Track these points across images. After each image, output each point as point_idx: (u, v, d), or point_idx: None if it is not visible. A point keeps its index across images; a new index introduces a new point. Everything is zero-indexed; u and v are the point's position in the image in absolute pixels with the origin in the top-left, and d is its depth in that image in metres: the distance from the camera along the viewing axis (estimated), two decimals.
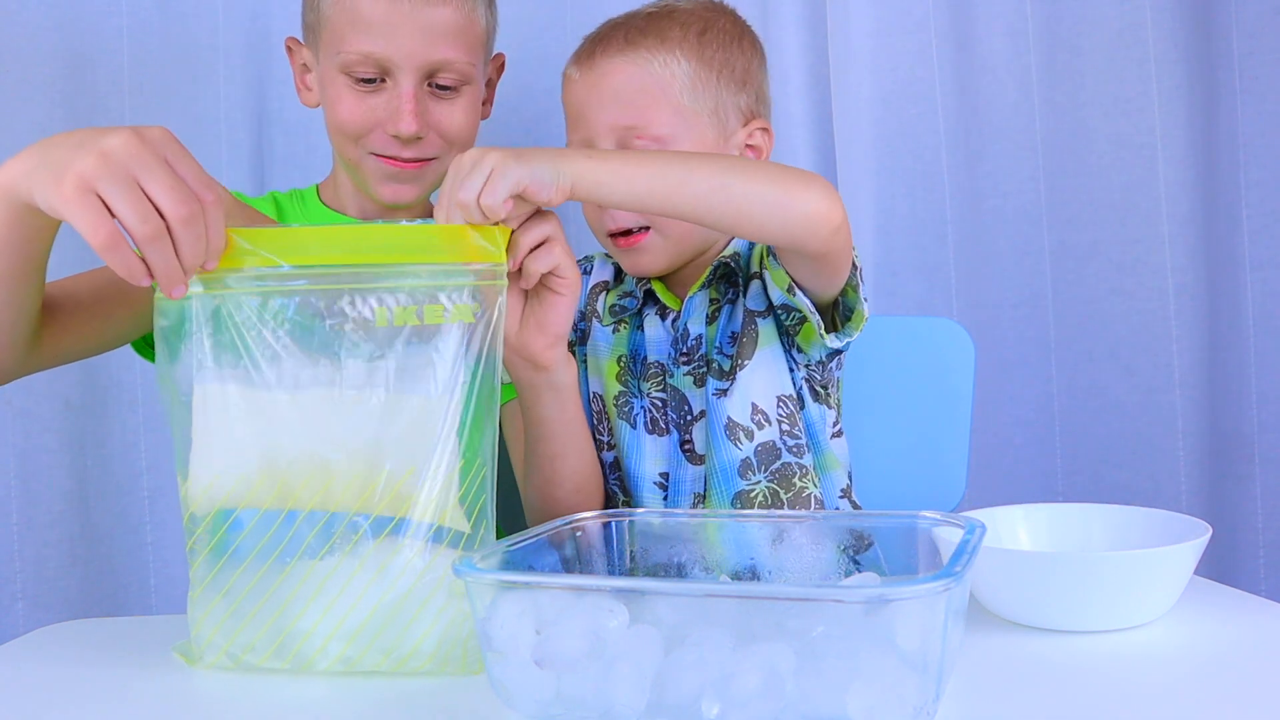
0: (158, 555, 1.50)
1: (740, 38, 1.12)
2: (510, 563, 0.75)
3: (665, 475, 1.11)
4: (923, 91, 1.59)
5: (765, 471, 1.07)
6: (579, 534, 0.83)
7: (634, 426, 1.11)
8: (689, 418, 1.09)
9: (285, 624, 0.76)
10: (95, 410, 1.48)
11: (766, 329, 1.07)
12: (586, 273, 1.17)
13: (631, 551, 0.85)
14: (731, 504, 1.07)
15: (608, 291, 1.17)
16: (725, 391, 1.07)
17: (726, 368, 1.08)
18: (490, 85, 1.21)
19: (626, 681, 0.63)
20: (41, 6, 1.46)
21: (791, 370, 1.09)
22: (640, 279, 1.14)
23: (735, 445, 1.06)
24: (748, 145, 1.10)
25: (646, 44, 1.06)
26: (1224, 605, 0.86)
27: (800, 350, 1.09)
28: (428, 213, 1.24)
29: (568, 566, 0.82)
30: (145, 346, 1.09)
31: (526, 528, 0.88)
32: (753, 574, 0.83)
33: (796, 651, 0.61)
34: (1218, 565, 1.57)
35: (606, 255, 1.18)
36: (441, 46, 1.08)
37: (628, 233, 1.08)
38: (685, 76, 1.05)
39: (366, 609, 0.76)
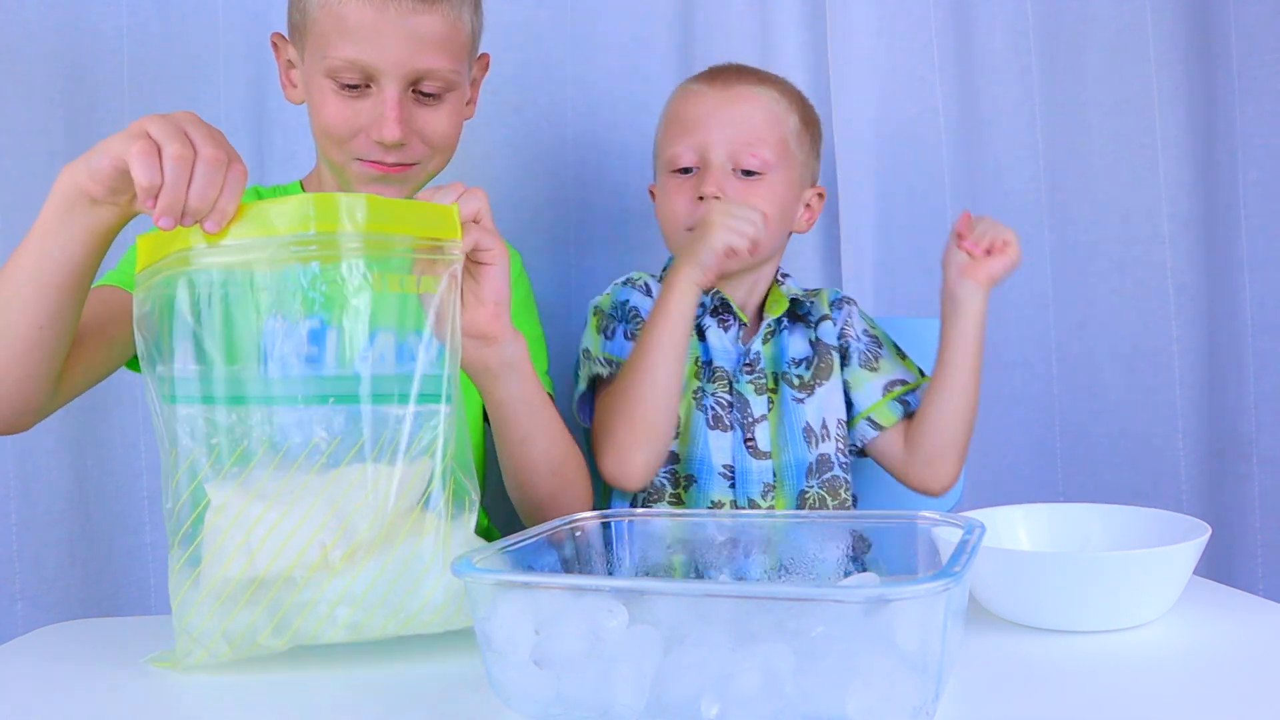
0: (157, 555, 1.50)
1: (819, 121, 1.29)
2: (510, 563, 0.75)
3: (729, 467, 1.21)
4: (923, 91, 1.59)
5: (818, 478, 1.22)
6: (578, 534, 0.83)
7: (707, 418, 1.21)
8: (750, 419, 1.22)
9: (285, 598, 0.76)
10: (95, 411, 1.47)
11: (835, 362, 1.26)
12: (644, 291, 1.25)
13: (631, 551, 0.85)
14: (795, 500, 1.21)
15: None
16: (802, 400, 1.23)
17: (798, 382, 1.24)
18: (475, 84, 1.21)
19: (626, 682, 0.63)
20: (41, 6, 1.46)
21: (858, 394, 1.26)
22: (711, 292, 1.24)
23: (808, 447, 1.22)
24: (807, 205, 1.26)
25: (777, 88, 1.23)
26: (1223, 605, 0.86)
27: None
28: None
29: (567, 566, 0.82)
30: (136, 363, 1.09)
31: (524, 527, 0.89)
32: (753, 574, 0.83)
33: (796, 651, 0.61)
34: (1217, 565, 1.57)
35: (655, 277, 1.27)
36: (426, 55, 1.08)
37: None
38: (795, 126, 1.23)
39: (372, 571, 0.77)
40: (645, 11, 1.56)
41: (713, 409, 1.21)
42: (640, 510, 0.94)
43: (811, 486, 1.22)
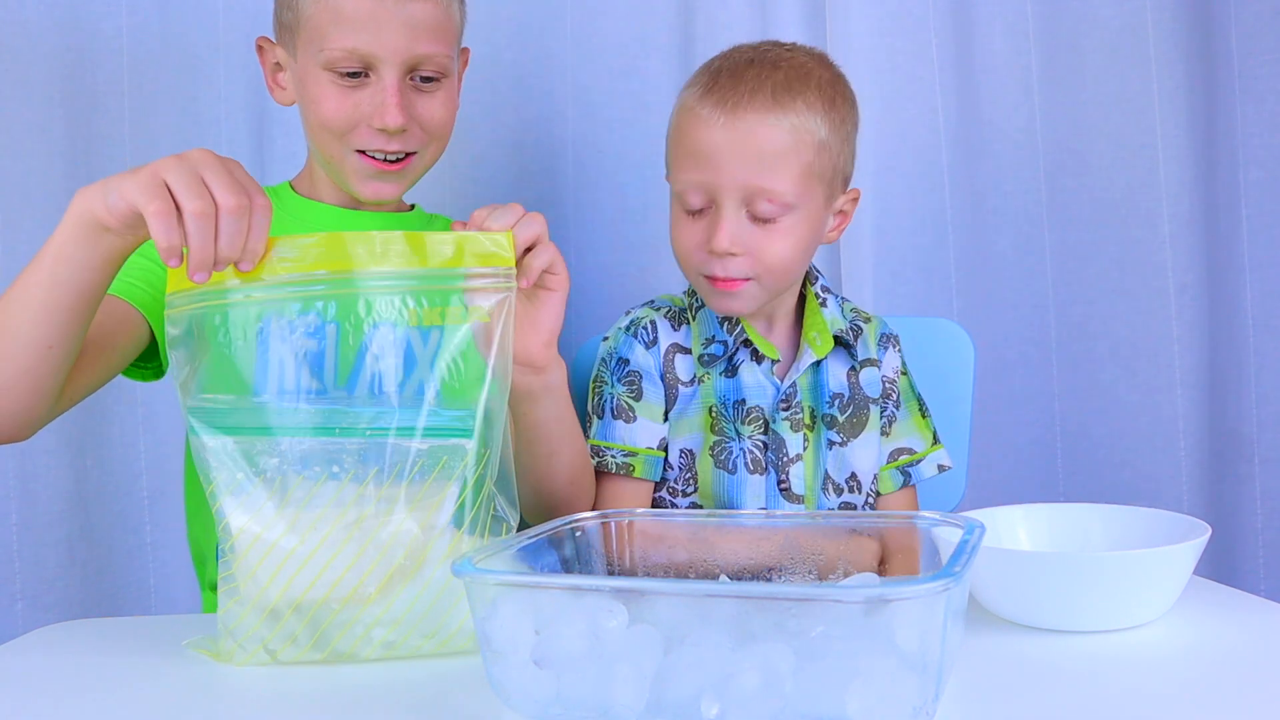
0: (157, 555, 1.50)
1: (853, 103, 1.13)
2: (510, 563, 0.75)
3: (763, 509, 1.14)
4: (923, 91, 1.58)
5: None
6: (579, 534, 0.83)
7: (733, 471, 1.14)
8: (785, 459, 1.14)
9: (323, 617, 0.78)
10: (95, 410, 1.47)
11: (874, 415, 1.17)
12: (649, 343, 1.15)
13: (631, 552, 0.85)
14: None
15: (680, 352, 1.16)
16: (839, 445, 1.16)
17: (833, 423, 1.16)
18: (459, 78, 1.22)
19: (626, 682, 0.63)
20: (41, 6, 1.46)
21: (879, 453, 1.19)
22: (730, 324, 1.14)
23: (835, 496, 1.16)
24: (840, 212, 1.14)
25: (795, 106, 1.06)
26: (1224, 605, 0.86)
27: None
28: (405, 208, 1.25)
29: (567, 567, 0.82)
30: (134, 370, 1.10)
31: (526, 526, 0.88)
32: (754, 574, 0.83)
33: (796, 651, 0.61)
34: (1218, 565, 1.57)
35: (662, 313, 1.17)
36: (423, 40, 1.09)
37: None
38: (819, 141, 1.07)
39: (410, 596, 0.78)
40: (645, 11, 1.56)
41: (750, 452, 1.13)
42: (640, 510, 0.94)
43: None
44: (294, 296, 0.80)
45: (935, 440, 1.21)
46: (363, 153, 1.12)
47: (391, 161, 1.13)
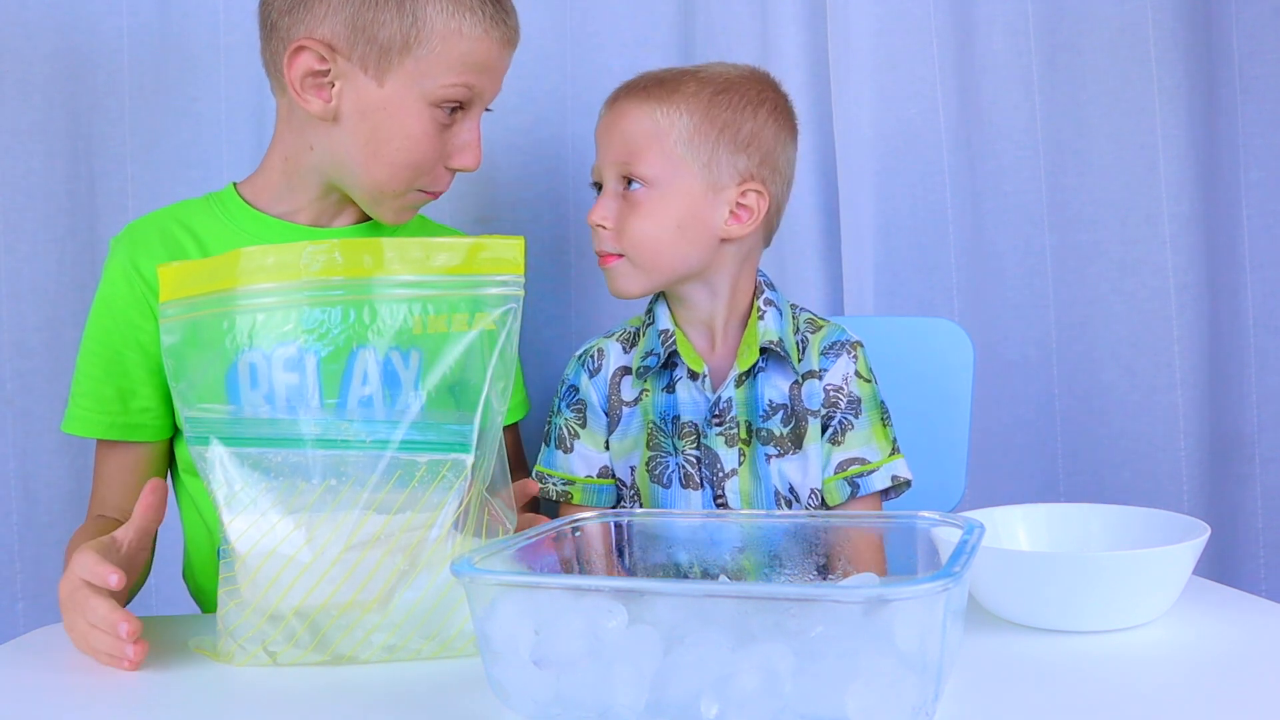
0: (156, 556, 1.50)
1: (760, 106, 1.16)
2: (509, 563, 0.75)
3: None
4: (923, 91, 1.58)
5: None
6: (578, 534, 0.83)
7: (667, 485, 1.15)
8: (720, 474, 1.14)
9: (323, 621, 0.78)
10: None
11: (814, 428, 1.15)
12: (594, 371, 1.19)
13: (630, 552, 0.85)
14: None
15: (627, 374, 1.18)
16: (775, 458, 1.14)
17: (771, 438, 1.14)
18: None
19: (625, 682, 0.63)
20: (41, 6, 1.45)
21: (824, 465, 1.16)
22: (665, 337, 1.16)
23: (781, 508, 1.14)
24: (739, 203, 1.15)
25: (657, 95, 1.15)
26: (1224, 605, 0.86)
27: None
28: (362, 219, 1.19)
29: (567, 566, 0.82)
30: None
31: None
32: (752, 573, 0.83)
33: (795, 652, 0.61)
34: (1218, 565, 1.57)
35: (615, 336, 1.21)
36: (500, 80, 1.11)
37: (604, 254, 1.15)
38: (684, 129, 1.13)
39: (409, 601, 0.78)
40: (645, 11, 1.56)
41: (682, 467, 1.14)
42: (640, 510, 0.94)
43: None
44: (303, 302, 0.80)
45: (894, 450, 1.16)
46: (424, 189, 1.10)
47: (435, 192, 1.12)
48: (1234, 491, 1.62)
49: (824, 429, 1.15)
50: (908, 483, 1.15)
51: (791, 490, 1.15)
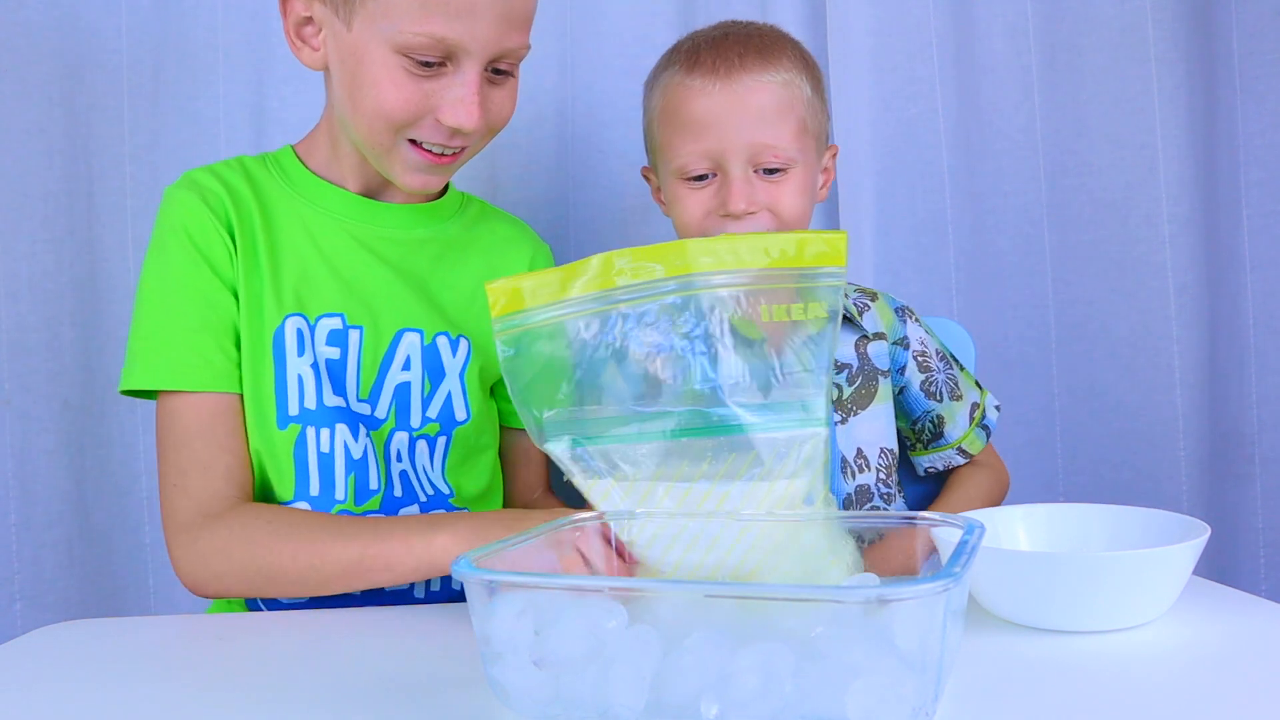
0: (156, 556, 1.50)
1: (813, 59, 1.17)
2: (509, 563, 0.75)
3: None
4: (923, 91, 1.58)
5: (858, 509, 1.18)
6: (579, 534, 0.83)
7: None
8: None
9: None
10: (95, 411, 1.47)
11: (884, 388, 1.16)
12: None
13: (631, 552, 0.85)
14: None
15: None
16: (841, 422, 1.15)
17: (836, 400, 1.15)
18: None
19: (625, 682, 0.63)
20: (41, 6, 1.46)
21: (898, 427, 1.19)
22: None
23: (843, 478, 1.15)
24: (825, 168, 1.17)
25: (783, 64, 1.10)
26: (1224, 605, 0.86)
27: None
28: (438, 193, 1.19)
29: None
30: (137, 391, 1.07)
31: None
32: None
33: (795, 652, 0.61)
34: (1218, 565, 1.57)
35: None
36: (513, 31, 1.00)
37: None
38: (808, 98, 1.11)
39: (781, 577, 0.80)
40: (645, 11, 1.56)
41: None
42: (640, 510, 0.94)
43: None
44: (644, 299, 0.82)
45: (978, 384, 1.23)
46: (414, 143, 1.02)
47: (443, 155, 1.03)
48: (1234, 491, 1.62)
49: (926, 393, 1.19)
50: (997, 408, 1.24)
51: (861, 454, 1.15)
